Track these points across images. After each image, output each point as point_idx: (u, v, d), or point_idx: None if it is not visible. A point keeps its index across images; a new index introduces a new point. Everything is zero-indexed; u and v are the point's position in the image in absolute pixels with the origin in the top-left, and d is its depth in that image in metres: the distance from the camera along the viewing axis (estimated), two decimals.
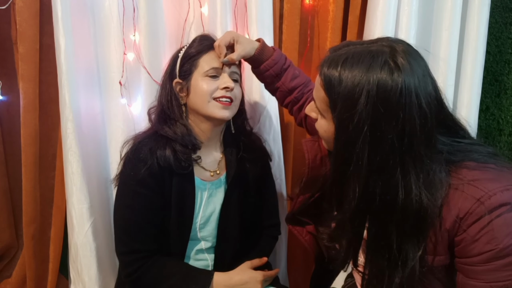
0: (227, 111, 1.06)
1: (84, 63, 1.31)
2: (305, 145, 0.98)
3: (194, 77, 1.07)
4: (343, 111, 0.71)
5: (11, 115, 1.45)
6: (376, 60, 0.70)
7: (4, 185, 1.52)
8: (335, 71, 0.72)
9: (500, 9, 1.50)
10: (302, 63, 1.46)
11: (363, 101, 0.68)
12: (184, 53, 1.09)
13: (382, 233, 0.74)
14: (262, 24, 1.34)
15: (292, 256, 1.61)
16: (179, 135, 1.06)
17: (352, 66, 0.71)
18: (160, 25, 1.31)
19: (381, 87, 0.68)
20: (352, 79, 0.70)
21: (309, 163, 0.95)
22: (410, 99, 0.68)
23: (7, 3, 1.31)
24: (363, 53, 0.72)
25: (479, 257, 0.71)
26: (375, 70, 0.69)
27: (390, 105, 0.68)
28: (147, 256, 1.06)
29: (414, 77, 0.69)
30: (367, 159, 0.70)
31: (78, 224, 1.34)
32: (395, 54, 0.70)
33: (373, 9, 1.30)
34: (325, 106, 0.76)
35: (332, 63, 0.74)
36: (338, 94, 0.71)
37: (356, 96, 0.69)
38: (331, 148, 0.83)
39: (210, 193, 1.14)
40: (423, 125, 0.70)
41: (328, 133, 0.78)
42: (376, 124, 0.69)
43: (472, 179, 0.72)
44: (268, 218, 1.29)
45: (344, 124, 0.72)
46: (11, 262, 1.58)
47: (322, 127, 0.80)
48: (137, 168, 1.02)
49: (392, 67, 0.69)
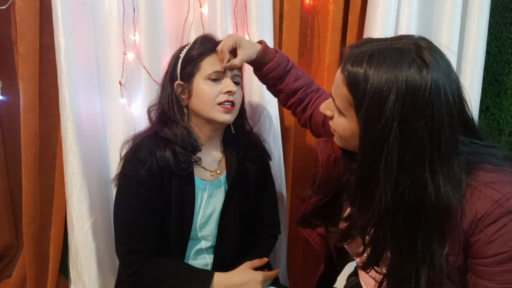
0: (229, 115, 1.07)
1: (84, 63, 1.31)
2: (318, 145, 0.96)
3: (196, 80, 1.06)
4: (371, 109, 0.69)
5: (11, 115, 1.45)
6: (404, 57, 0.69)
7: (4, 185, 1.52)
8: (360, 68, 0.70)
9: (500, 9, 1.50)
10: (302, 63, 1.46)
11: (393, 99, 0.67)
12: (186, 55, 1.08)
13: (410, 231, 0.73)
14: (262, 24, 1.34)
15: (292, 256, 1.61)
16: (179, 137, 1.06)
17: (379, 63, 0.69)
18: (160, 25, 1.31)
19: (410, 85, 0.67)
20: (380, 77, 0.68)
21: (322, 163, 0.94)
22: (439, 96, 0.67)
23: (7, 3, 1.31)
24: (389, 50, 0.70)
25: (493, 258, 0.71)
26: (404, 67, 0.68)
27: (419, 103, 0.67)
28: (148, 256, 1.06)
29: (441, 74, 0.68)
30: (397, 158, 0.69)
31: (78, 224, 1.34)
32: (422, 51, 0.69)
33: (373, 9, 1.30)
34: (347, 104, 0.74)
35: (356, 60, 0.72)
36: (364, 92, 0.70)
37: (385, 94, 0.68)
38: (347, 147, 0.82)
39: (210, 193, 1.14)
40: (450, 122, 0.69)
41: (347, 131, 0.77)
42: (405, 122, 0.67)
43: (490, 181, 0.71)
44: (268, 218, 1.29)
45: (371, 123, 0.70)
46: (11, 262, 1.58)
47: (341, 125, 0.78)
48: (136, 168, 1.02)
49: (420, 64, 0.68)
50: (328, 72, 1.45)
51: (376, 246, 0.78)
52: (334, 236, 0.93)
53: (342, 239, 0.91)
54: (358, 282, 1.02)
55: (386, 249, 0.77)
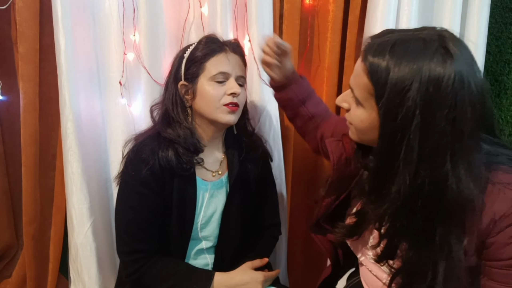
0: (233, 116, 1.07)
1: (84, 63, 1.31)
2: (330, 145, 0.95)
3: (200, 81, 1.06)
4: (392, 97, 0.68)
5: (11, 115, 1.45)
6: (428, 46, 0.68)
7: (4, 185, 1.52)
8: (383, 57, 0.69)
9: (500, 9, 1.50)
10: (302, 63, 1.46)
11: (415, 88, 0.66)
12: (190, 55, 1.08)
13: (428, 223, 0.72)
14: (262, 24, 1.34)
15: (292, 256, 1.61)
16: (182, 138, 1.05)
17: (402, 52, 0.68)
18: (160, 25, 1.31)
19: (434, 74, 0.66)
20: (403, 66, 0.67)
21: (334, 164, 0.93)
22: (463, 86, 0.66)
23: (7, 3, 1.31)
24: (412, 40, 0.69)
25: (508, 262, 0.71)
26: (427, 57, 0.67)
27: (442, 92, 0.66)
28: (148, 256, 1.06)
29: (465, 65, 0.67)
30: (418, 147, 0.67)
31: (78, 224, 1.34)
32: (446, 41, 0.68)
33: (373, 9, 1.30)
34: (366, 94, 0.73)
35: (378, 49, 0.71)
36: (386, 80, 0.68)
37: (407, 83, 0.66)
38: (363, 141, 0.81)
39: (212, 193, 1.14)
40: (473, 114, 0.68)
41: (365, 123, 0.76)
42: (428, 111, 0.66)
43: (508, 182, 0.71)
44: (269, 218, 1.29)
45: (392, 111, 0.68)
46: (11, 262, 1.58)
47: (359, 117, 0.77)
48: (138, 168, 1.02)
49: (443, 54, 0.67)
50: (328, 72, 1.45)
51: (392, 238, 0.76)
52: (341, 231, 0.92)
53: (349, 235, 0.91)
54: (359, 282, 1.02)
55: (402, 242, 0.75)
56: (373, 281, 0.93)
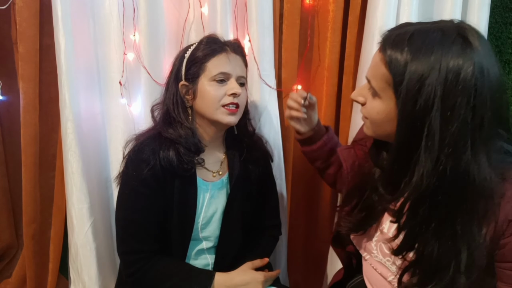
0: (233, 117, 1.07)
1: (84, 63, 1.31)
2: (342, 153, 0.96)
3: (201, 81, 1.06)
4: (411, 87, 0.68)
5: (11, 115, 1.45)
6: (446, 36, 0.68)
7: (4, 185, 1.53)
8: (401, 46, 0.69)
9: (500, 9, 1.49)
10: (302, 63, 1.46)
11: (434, 76, 0.66)
12: (191, 55, 1.08)
13: (450, 212, 0.71)
14: (262, 24, 1.34)
15: (292, 256, 1.61)
16: (183, 138, 1.05)
17: (420, 42, 0.68)
18: (160, 25, 1.31)
19: (453, 63, 0.66)
20: (421, 55, 0.67)
21: (348, 171, 0.93)
22: (482, 75, 0.66)
23: (7, 3, 1.31)
24: (431, 30, 0.70)
25: None
26: (446, 46, 0.67)
27: (462, 81, 0.66)
28: (149, 256, 1.06)
29: (483, 55, 0.68)
30: (438, 134, 0.67)
31: (78, 224, 1.34)
32: (464, 31, 0.69)
33: (373, 9, 1.30)
34: (384, 84, 0.73)
35: (396, 39, 0.71)
36: (404, 70, 0.68)
37: (426, 72, 0.67)
38: (379, 134, 0.80)
39: (212, 194, 1.14)
40: (492, 103, 0.68)
41: (382, 114, 0.75)
42: (447, 99, 0.66)
43: None
44: (269, 219, 1.29)
45: (412, 98, 0.68)
46: (11, 262, 1.59)
47: (375, 108, 0.77)
48: (139, 168, 1.02)
49: (462, 43, 0.67)
50: (328, 72, 1.45)
51: (413, 228, 0.75)
52: (347, 225, 0.92)
53: (355, 229, 0.91)
54: (361, 281, 1.02)
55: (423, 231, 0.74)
56: (378, 280, 0.92)
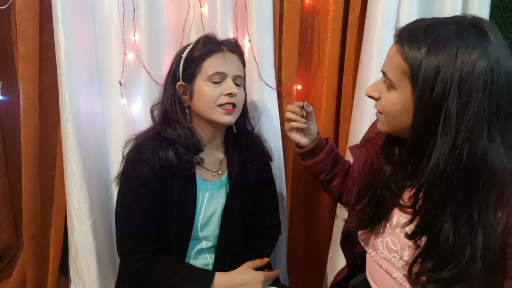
0: (230, 117, 1.07)
1: (84, 63, 1.31)
2: (354, 152, 0.96)
3: (197, 81, 1.06)
4: (428, 74, 0.69)
5: (11, 115, 1.45)
6: (461, 26, 0.70)
7: (4, 185, 1.52)
8: (417, 38, 0.71)
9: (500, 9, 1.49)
10: (302, 63, 1.46)
11: (451, 63, 0.68)
12: (187, 56, 1.08)
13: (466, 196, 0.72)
14: (262, 24, 1.34)
15: (292, 256, 1.61)
16: (182, 137, 1.06)
17: (436, 33, 0.70)
18: (160, 25, 1.31)
19: (470, 51, 0.68)
20: (438, 45, 0.69)
21: (359, 170, 0.94)
22: (498, 63, 0.68)
23: (7, 3, 1.31)
24: (446, 21, 0.72)
25: None
26: (463, 36, 0.69)
27: (478, 68, 0.67)
28: (149, 256, 1.06)
29: (498, 44, 0.69)
30: (455, 119, 0.68)
31: (78, 224, 1.34)
32: (479, 22, 0.71)
33: (373, 9, 1.30)
34: (401, 74, 0.74)
35: (412, 31, 0.73)
36: (421, 58, 0.70)
37: (443, 60, 0.68)
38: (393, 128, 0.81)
39: (212, 193, 1.14)
40: (509, 90, 0.69)
41: (398, 105, 0.76)
42: (464, 85, 0.68)
43: None
44: (269, 219, 1.29)
45: (429, 85, 0.70)
46: (11, 262, 1.59)
47: (391, 100, 0.78)
48: (139, 168, 1.02)
49: (477, 33, 0.69)
50: (328, 72, 1.45)
51: (428, 213, 0.76)
52: (357, 222, 0.93)
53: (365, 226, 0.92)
54: (364, 279, 1.02)
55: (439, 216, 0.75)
56: (382, 276, 0.93)
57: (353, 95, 1.42)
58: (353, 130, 1.40)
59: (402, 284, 0.88)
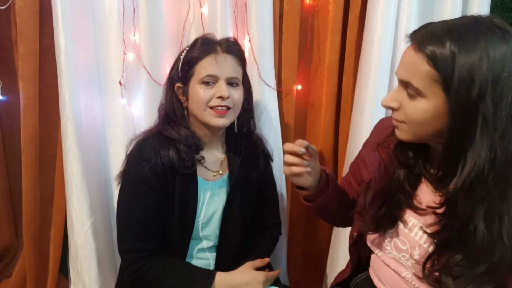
0: (222, 119, 1.06)
1: (84, 63, 1.32)
2: (368, 157, 0.95)
3: (191, 83, 1.07)
4: (462, 79, 0.68)
5: (11, 115, 1.45)
6: (483, 26, 0.70)
7: (4, 185, 1.52)
8: (443, 42, 0.70)
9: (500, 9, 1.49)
10: (302, 63, 1.46)
11: (485, 65, 0.67)
12: (184, 57, 1.09)
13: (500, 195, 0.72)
14: (262, 24, 1.34)
15: (292, 256, 1.61)
16: (183, 137, 1.06)
17: (460, 35, 0.69)
18: (160, 25, 1.31)
19: (499, 49, 0.68)
20: (468, 46, 0.68)
21: (374, 174, 0.93)
22: None
23: (7, 3, 1.31)
24: (464, 23, 0.71)
25: None
26: (487, 35, 0.68)
27: (508, 66, 0.68)
28: (150, 255, 1.06)
29: None
30: (492, 120, 0.68)
31: (78, 224, 1.34)
32: (494, 20, 0.71)
33: (373, 9, 1.30)
34: (430, 81, 0.72)
35: (433, 36, 0.71)
36: (453, 63, 0.69)
37: (476, 61, 0.68)
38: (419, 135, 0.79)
39: (213, 193, 1.14)
40: None
41: (429, 113, 0.74)
42: (497, 86, 0.68)
43: None
44: (269, 219, 1.29)
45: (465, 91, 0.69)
46: (11, 262, 1.59)
47: (420, 108, 0.75)
48: (141, 166, 1.03)
49: (498, 31, 0.69)
50: (328, 72, 1.45)
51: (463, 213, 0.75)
52: (369, 225, 0.92)
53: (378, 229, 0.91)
54: (367, 276, 1.02)
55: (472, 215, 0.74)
56: (389, 275, 0.93)
57: (353, 95, 1.42)
58: (353, 130, 1.40)
59: (411, 283, 0.87)
